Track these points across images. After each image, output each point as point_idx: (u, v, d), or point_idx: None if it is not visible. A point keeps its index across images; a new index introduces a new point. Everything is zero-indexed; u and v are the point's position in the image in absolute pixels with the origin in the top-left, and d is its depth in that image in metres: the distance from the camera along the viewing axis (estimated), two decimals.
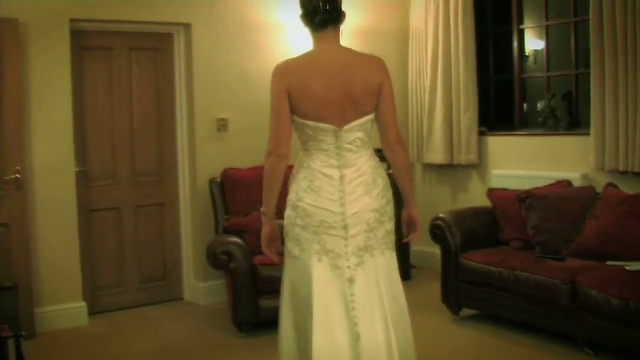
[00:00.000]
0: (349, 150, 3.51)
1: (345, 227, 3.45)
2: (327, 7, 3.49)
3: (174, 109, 6.88)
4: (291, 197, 3.60)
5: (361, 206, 3.47)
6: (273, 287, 5.64)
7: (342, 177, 3.48)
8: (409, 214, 3.78)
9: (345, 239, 3.45)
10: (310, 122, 3.49)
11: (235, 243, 5.81)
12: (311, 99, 3.45)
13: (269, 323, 5.78)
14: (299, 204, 3.54)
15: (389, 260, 3.57)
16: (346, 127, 3.49)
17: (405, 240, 3.90)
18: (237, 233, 6.04)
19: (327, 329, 3.40)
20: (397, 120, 3.63)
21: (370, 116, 3.55)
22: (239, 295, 5.75)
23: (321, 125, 3.47)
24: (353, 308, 3.41)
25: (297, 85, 3.45)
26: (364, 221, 3.47)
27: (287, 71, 3.52)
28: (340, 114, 3.47)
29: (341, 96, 3.46)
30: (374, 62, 3.60)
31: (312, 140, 3.54)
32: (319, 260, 3.45)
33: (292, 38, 7.03)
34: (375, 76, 3.51)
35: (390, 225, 3.62)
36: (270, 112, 3.53)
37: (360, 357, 3.39)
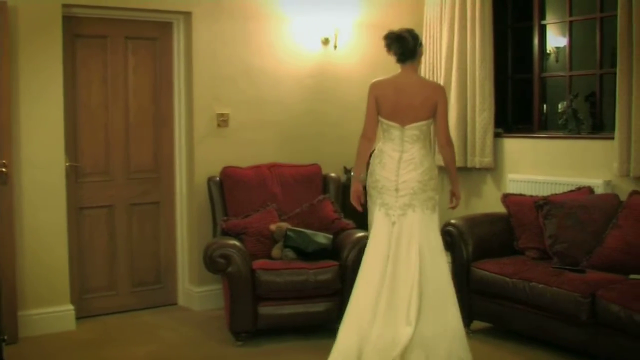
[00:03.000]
0: (407, 142, 5.09)
1: (397, 190, 5.03)
2: (402, 51, 5.10)
3: (172, 103, 6.74)
4: (370, 168, 5.21)
5: (409, 177, 5.02)
6: (273, 294, 5.59)
7: (400, 158, 5.07)
8: (452, 190, 5.39)
9: (396, 198, 5.03)
10: (385, 120, 5.13)
11: (234, 246, 5.69)
12: (387, 105, 5.11)
13: (268, 332, 5.78)
14: (373, 173, 5.16)
15: (428, 217, 5.06)
16: (407, 126, 5.07)
17: (449, 207, 5.39)
18: (236, 235, 5.96)
19: (375, 249, 5.06)
20: (448, 127, 5.31)
21: (425, 122, 5.10)
22: (237, 302, 5.62)
23: (391, 123, 5.10)
24: (391, 240, 5.01)
25: (381, 96, 5.13)
26: (410, 187, 5.02)
27: (376, 86, 5.18)
28: (404, 117, 5.07)
29: (406, 106, 5.07)
30: (434, 87, 5.40)
31: (385, 132, 5.16)
32: (379, 209, 5.09)
33: (296, 31, 6.96)
34: (432, 96, 5.11)
35: (432, 194, 5.08)
36: (365, 110, 5.20)
37: (389, 272, 4.94)
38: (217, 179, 6.39)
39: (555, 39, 7.24)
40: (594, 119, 6.55)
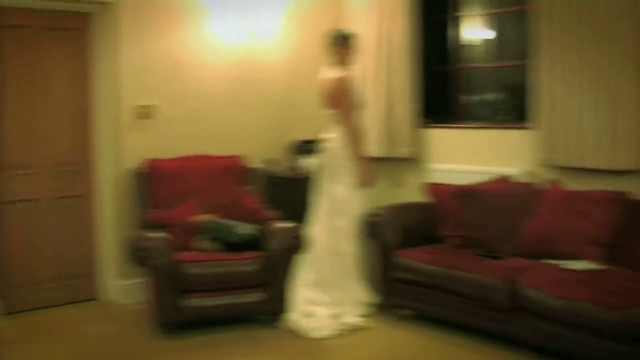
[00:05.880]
0: None
1: None
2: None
3: (96, 95, 6.59)
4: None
5: None
6: (199, 286, 5.55)
7: None
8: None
9: None
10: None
11: (158, 238, 5.65)
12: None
13: (194, 324, 5.71)
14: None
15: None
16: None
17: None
18: (161, 228, 5.87)
19: None
20: None
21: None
22: (162, 294, 5.57)
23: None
24: None
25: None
26: None
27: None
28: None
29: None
30: None
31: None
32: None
33: (221, 24, 6.92)
34: None
35: None
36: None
37: None
38: (143, 171, 6.31)
39: (481, 32, 7.31)
40: (516, 110, 6.63)
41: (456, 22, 7.20)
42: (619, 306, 4.38)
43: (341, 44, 6.16)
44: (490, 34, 7.08)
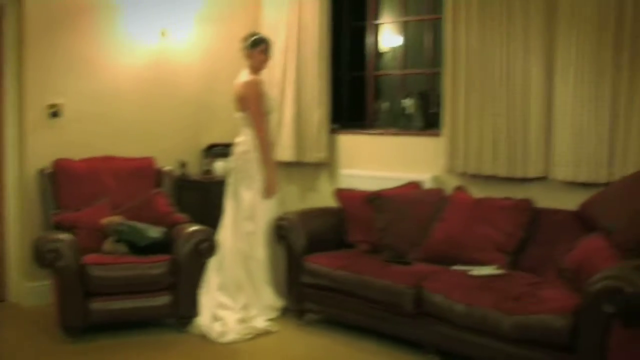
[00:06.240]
0: None
1: None
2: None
3: (2, 91, 6.42)
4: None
5: None
6: (105, 289, 5.48)
7: None
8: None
9: None
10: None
11: (63, 240, 5.52)
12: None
13: (100, 328, 5.63)
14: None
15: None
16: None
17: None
18: (68, 229, 5.77)
19: None
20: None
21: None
22: (67, 297, 5.47)
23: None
24: None
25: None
26: None
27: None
28: None
29: None
30: None
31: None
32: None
33: (133, 22, 6.85)
34: None
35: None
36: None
37: None
38: (49, 171, 6.18)
39: (393, 39, 7.35)
40: (425, 117, 6.69)
41: (374, 29, 7.24)
42: (518, 311, 4.48)
43: (254, 48, 6.17)
44: (406, 41, 7.15)
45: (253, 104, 6.07)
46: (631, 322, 3.95)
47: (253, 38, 6.21)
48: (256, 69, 6.18)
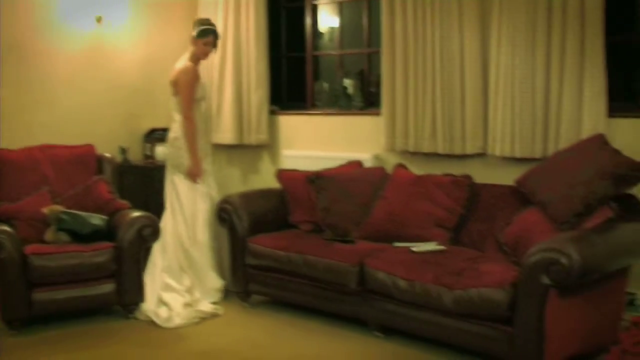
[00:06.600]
0: None
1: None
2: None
3: None
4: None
5: None
6: (47, 279, 5.44)
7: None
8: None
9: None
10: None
11: (3, 231, 5.43)
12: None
13: (44, 318, 5.55)
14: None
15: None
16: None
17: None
18: (7, 221, 5.70)
19: None
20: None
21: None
22: (9, 289, 5.39)
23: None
24: None
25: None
26: None
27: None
28: None
29: None
30: None
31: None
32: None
33: (68, 8, 6.75)
34: None
35: None
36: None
37: None
38: None
39: (329, 19, 7.34)
40: (364, 96, 6.73)
41: (313, 10, 7.20)
42: (459, 285, 4.55)
43: (199, 38, 6.13)
44: (343, 21, 7.14)
45: (183, 91, 6.08)
46: (566, 292, 4.07)
47: (201, 28, 6.15)
48: (197, 58, 6.18)
